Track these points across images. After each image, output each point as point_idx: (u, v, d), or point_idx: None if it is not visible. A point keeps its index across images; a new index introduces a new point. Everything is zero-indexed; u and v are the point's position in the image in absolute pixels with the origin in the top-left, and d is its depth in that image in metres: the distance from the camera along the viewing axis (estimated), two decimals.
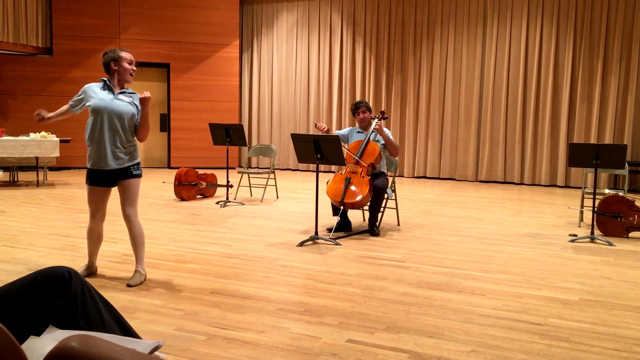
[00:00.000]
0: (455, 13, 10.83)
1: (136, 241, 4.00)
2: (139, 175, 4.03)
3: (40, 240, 5.22)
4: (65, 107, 3.99)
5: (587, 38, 9.87)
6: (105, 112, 3.80)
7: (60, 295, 1.94)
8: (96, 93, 3.85)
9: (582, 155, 5.55)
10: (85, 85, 3.91)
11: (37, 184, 9.06)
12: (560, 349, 2.90)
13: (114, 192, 4.07)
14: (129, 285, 3.84)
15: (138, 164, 4.03)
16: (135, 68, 3.97)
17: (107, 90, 3.88)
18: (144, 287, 3.84)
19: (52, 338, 1.70)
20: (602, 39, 9.75)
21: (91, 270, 4.13)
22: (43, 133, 8.91)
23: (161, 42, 11.97)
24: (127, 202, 3.96)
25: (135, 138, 3.97)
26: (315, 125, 5.90)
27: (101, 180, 3.90)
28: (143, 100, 3.84)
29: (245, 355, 2.74)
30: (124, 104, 3.87)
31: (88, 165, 3.92)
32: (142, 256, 4.04)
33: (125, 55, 3.91)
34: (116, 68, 3.88)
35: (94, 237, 4.08)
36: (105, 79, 3.91)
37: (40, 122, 3.96)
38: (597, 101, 9.84)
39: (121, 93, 3.91)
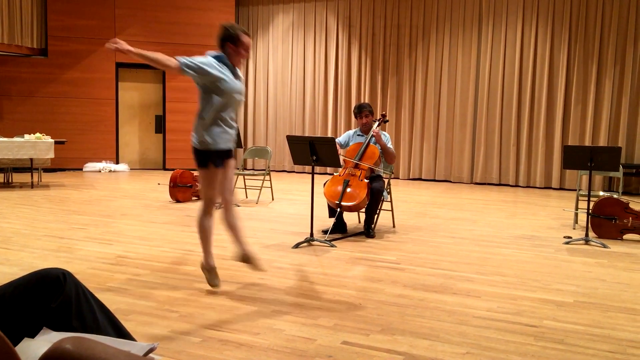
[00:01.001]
0: (451, 16, 10.86)
1: (238, 222, 3.87)
2: None
3: (35, 241, 5.19)
4: (170, 62, 3.43)
5: (582, 41, 9.91)
6: (235, 94, 3.65)
7: (55, 297, 1.93)
8: (222, 71, 3.60)
9: (576, 157, 5.57)
10: (208, 59, 3.60)
11: (32, 186, 9.03)
12: (555, 350, 2.91)
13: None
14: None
15: None
16: (248, 54, 3.76)
17: (228, 69, 3.65)
18: (139, 289, 3.82)
19: (46, 340, 1.69)
20: (596, 43, 9.79)
21: (214, 269, 3.84)
22: (38, 134, 8.88)
23: (156, 43, 11.95)
24: (232, 183, 3.84)
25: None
26: None
27: (224, 160, 3.72)
28: None
29: (240, 358, 2.73)
30: (242, 85, 3.76)
31: (215, 147, 3.60)
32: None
33: (246, 40, 3.66)
34: (231, 50, 3.66)
35: (211, 232, 3.80)
36: (223, 56, 3.67)
37: (116, 50, 3.24)
38: (591, 104, 9.88)
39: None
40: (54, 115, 11.57)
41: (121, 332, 2.09)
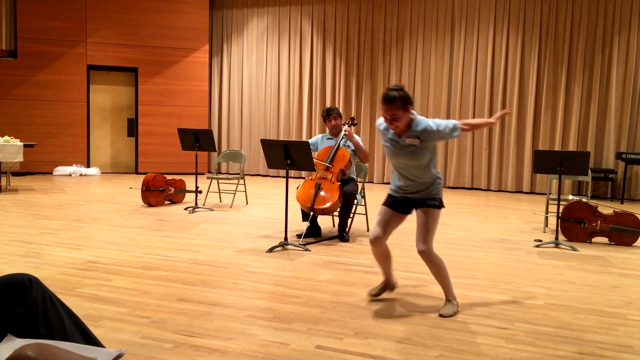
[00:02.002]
0: (424, 22, 10.96)
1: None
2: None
3: (2, 247, 5.07)
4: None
5: (552, 48, 10.09)
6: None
7: (20, 303, 1.88)
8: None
9: (546, 162, 5.66)
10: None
11: (0, 190, 8.84)
12: (526, 352, 2.94)
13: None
14: (441, 316, 3.49)
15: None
16: (390, 123, 3.48)
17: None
18: (109, 294, 3.76)
19: (10, 347, 1.65)
20: (566, 49, 9.99)
21: (389, 286, 3.90)
22: (6, 137, 8.68)
23: (129, 46, 11.82)
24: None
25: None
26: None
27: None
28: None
29: None
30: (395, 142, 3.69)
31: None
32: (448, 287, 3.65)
33: (382, 107, 3.41)
34: None
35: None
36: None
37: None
38: (561, 109, 10.06)
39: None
40: (23, 118, 11.34)
41: (89, 339, 2.06)
